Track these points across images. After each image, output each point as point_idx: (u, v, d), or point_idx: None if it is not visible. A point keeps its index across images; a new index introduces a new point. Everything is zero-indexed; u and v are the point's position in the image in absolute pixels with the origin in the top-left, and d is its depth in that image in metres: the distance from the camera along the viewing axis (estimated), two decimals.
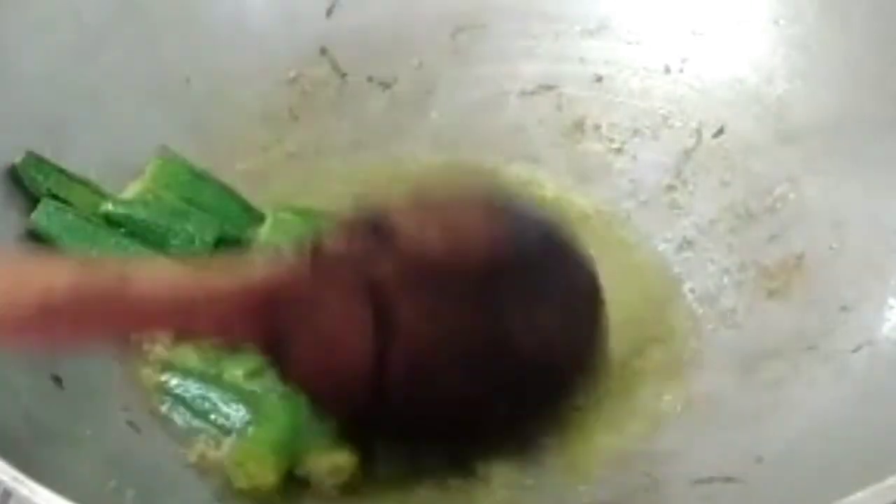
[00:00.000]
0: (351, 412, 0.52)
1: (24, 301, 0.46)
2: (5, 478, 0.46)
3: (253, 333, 0.50)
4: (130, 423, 0.55)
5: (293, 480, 0.53)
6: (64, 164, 0.60)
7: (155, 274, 0.50)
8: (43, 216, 0.58)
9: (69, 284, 0.47)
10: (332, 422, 0.53)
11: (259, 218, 0.61)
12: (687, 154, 0.65)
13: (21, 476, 0.46)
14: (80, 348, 0.52)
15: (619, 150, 0.65)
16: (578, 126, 0.66)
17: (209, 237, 0.59)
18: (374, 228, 0.51)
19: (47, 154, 0.59)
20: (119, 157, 0.62)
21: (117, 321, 0.48)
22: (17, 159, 0.59)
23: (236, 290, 0.50)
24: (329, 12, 0.68)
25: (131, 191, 0.60)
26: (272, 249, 0.57)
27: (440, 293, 0.50)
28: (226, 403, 0.55)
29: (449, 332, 0.50)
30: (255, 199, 0.62)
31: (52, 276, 0.47)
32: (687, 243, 0.62)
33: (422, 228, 0.51)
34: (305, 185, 0.64)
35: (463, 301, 0.51)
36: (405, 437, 0.53)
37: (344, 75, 0.67)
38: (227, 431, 0.55)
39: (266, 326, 0.50)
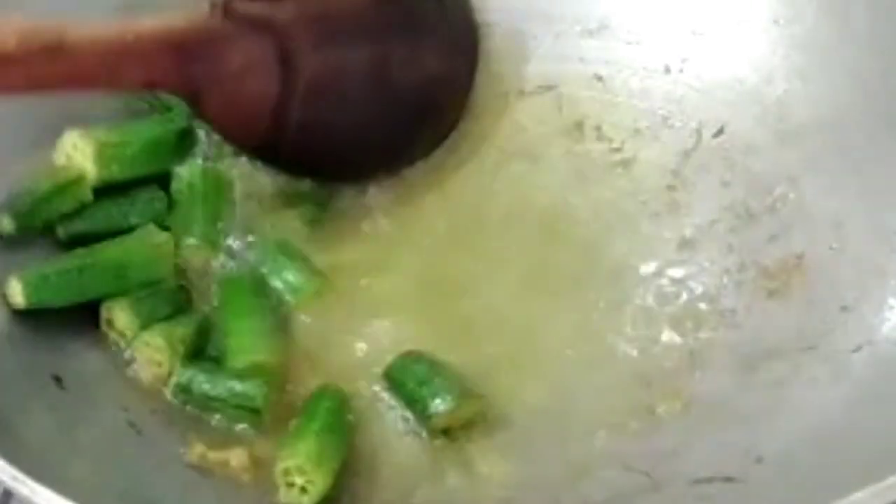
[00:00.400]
0: (258, 145, 0.60)
1: None
2: (5, 477, 0.46)
3: (173, 76, 0.56)
4: (130, 423, 0.55)
5: None
6: None
7: (90, 27, 0.55)
8: None
9: (18, 35, 0.53)
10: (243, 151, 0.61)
11: None
12: (687, 154, 0.65)
13: (21, 476, 0.46)
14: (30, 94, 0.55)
15: (619, 150, 0.65)
16: (578, 126, 0.66)
17: None
18: None
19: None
20: None
21: (60, 69, 0.54)
22: None
23: (159, 36, 0.56)
24: None
25: None
26: (153, 236, 0.59)
27: (334, 34, 0.59)
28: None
29: (344, 68, 0.59)
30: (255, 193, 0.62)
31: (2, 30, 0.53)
32: (687, 243, 0.62)
33: None
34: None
35: (355, 39, 0.59)
36: (305, 167, 0.61)
37: None
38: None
39: (184, 69, 0.56)
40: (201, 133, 0.62)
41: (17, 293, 0.55)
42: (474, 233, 0.63)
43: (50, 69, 0.53)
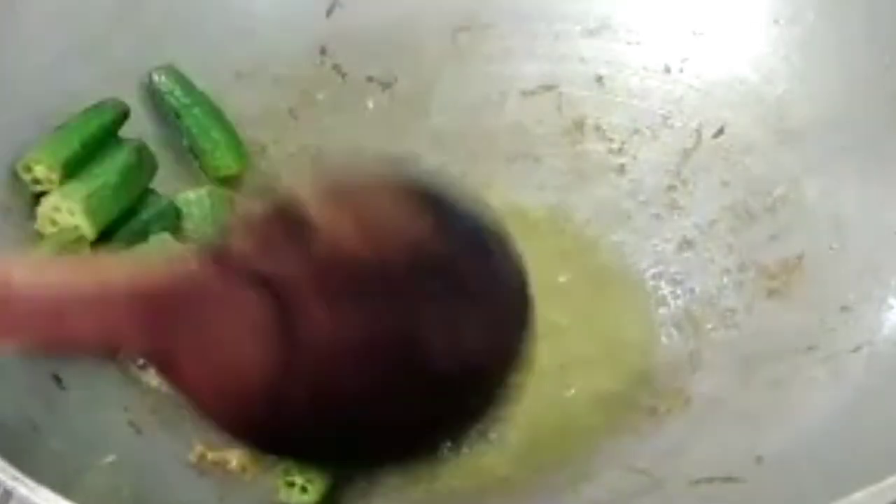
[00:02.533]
0: (248, 430, 0.47)
1: None
2: (5, 477, 0.46)
3: (141, 339, 0.45)
4: (130, 423, 0.55)
5: None
6: None
7: (36, 271, 0.45)
8: None
9: None
10: (230, 439, 0.48)
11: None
12: (687, 154, 0.65)
13: (21, 475, 0.46)
14: None
15: (619, 150, 0.65)
16: (578, 126, 0.66)
17: None
18: (282, 222, 0.46)
19: None
20: None
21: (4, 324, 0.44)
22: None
23: (124, 289, 0.44)
24: (329, 12, 0.68)
25: None
26: (167, 245, 0.56)
27: (354, 297, 0.45)
28: None
29: (362, 343, 0.45)
30: None
31: None
32: (687, 243, 0.62)
33: (336, 222, 0.45)
34: None
35: (378, 308, 0.45)
36: (308, 457, 0.49)
37: (344, 75, 0.67)
38: None
39: (156, 332, 0.44)
40: None
41: None
42: None
43: None
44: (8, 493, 0.55)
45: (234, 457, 0.54)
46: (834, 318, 0.58)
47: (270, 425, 0.46)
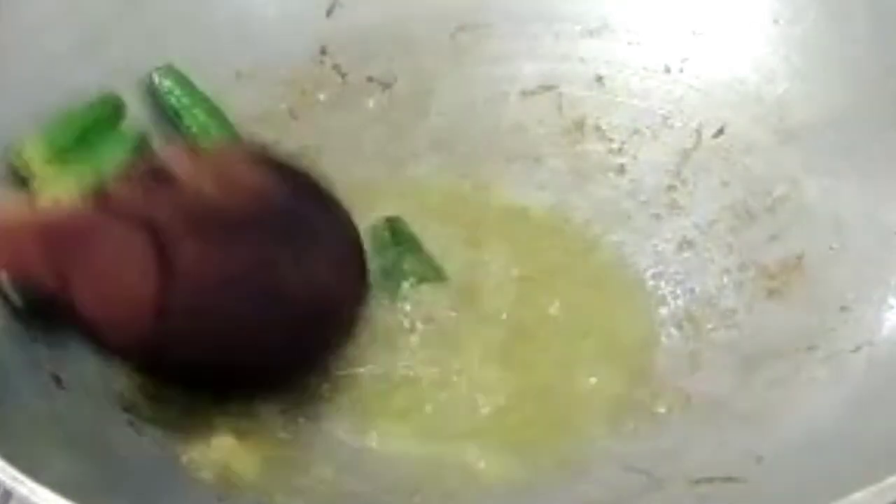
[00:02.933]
0: (132, 352, 0.53)
1: None
2: (5, 477, 0.46)
3: (45, 268, 0.52)
4: (130, 423, 0.55)
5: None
6: None
7: None
8: None
9: None
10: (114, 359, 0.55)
11: None
12: (687, 154, 0.65)
13: (21, 476, 0.46)
14: None
15: (619, 150, 0.65)
16: (578, 126, 0.66)
17: None
18: (154, 176, 0.54)
19: None
20: None
21: None
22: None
23: (31, 224, 0.52)
24: (329, 12, 0.68)
25: None
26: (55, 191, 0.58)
27: (218, 236, 0.53)
28: None
29: (226, 272, 0.53)
30: None
31: None
32: (687, 243, 0.62)
33: (198, 177, 0.54)
34: None
35: (237, 242, 0.53)
36: (183, 377, 0.54)
37: (344, 75, 0.67)
38: None
39: (56, 261, 0.51)
40: None
41: None
42: (474, 232, 0.63)
43: None
44: (8, 493, 0.55)
45: (234, 457, 0.54)
46: (834, 318, 0.58)
47: (155, 350, 0.52)
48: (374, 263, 0.59)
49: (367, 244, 0.58)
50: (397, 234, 0.61)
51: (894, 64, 0.61)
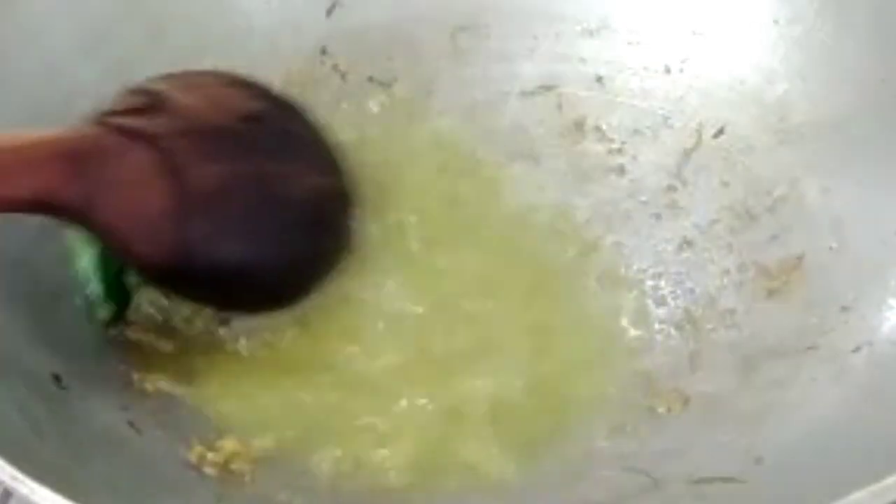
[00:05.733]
0: (163, 264, 0.56)
1: None
2: (5, 477, 0.46)
3: (67, 185, 0.54)
4: (130, 423, 0.55)
5: None
6: None
7: None
8: None
9: None
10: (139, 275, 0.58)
11: None
12: (687, 154, 0.65)
13: (20, 475, 0.46)
14: None
15: (619, 150, 0.65)
16: (578, 126, 0.66)
17: None
18: (151, 100, 0.57)
19: None
20: None
21: None
22: None
23: (47, 149, 0.54)
24: (329, 12, 0.68)
25: None
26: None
27: (216, 151, 0.57)
28: None
29: (232, 183, 0.57)
30: None
31: None
32: (687, 243, 0.62)
33: (190, 99, 0.58)
34: None
35: (237, 157, 0.57)
36: (214, 290, 0.58)
37: (344, 75, 0.67)
38: None
39: (78, 178, 0.54)
40: None
41: None
42: (474, 232, 0.63)
43: None
44: (8, 493, 0.55)
45: (234, 457, 0.54)
46: (834, 318, 0.58)
47: (181, 258, 0.56)
48: None
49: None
50: None
51: (894, 64, 0.61)
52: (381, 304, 0.60)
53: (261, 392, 0.57)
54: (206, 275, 0.56)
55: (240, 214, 0.57)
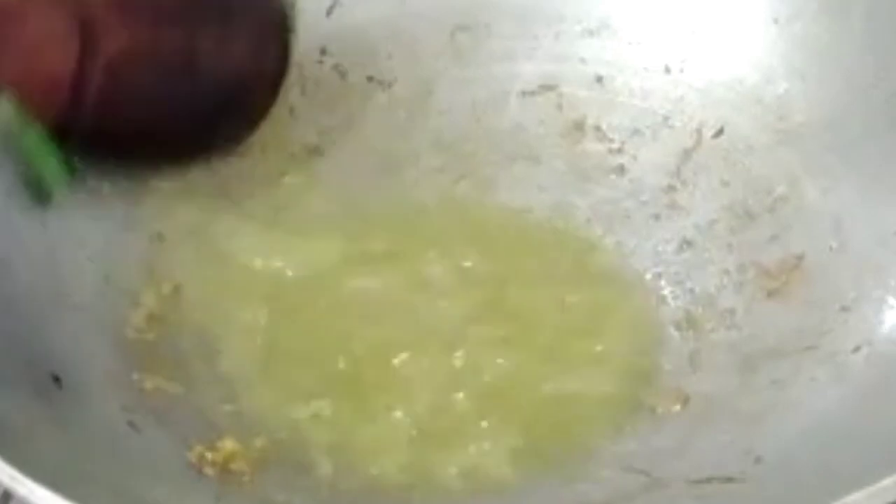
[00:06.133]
0: (56, 120, 0.57)
1: None
2: (4, 478, 0.46)
3: None
4: (130, 423, 0.55)
5: None
6: None
7: None
8: None
9: None
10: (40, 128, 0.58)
11: None
12: (687, 154, 0.65)
13: (19, 475, 0.46)
14: None
15: (619, 150, 0.65)
16: (578, 126, 0.66)
17: None
18: None
19: None
20: None
21: None
22: None
23: None
24: (329, 12, 0.68)
25: None
26: None
27: (143, 19, 0.58)
28: None
29: (148, 50, 0.58)
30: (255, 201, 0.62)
31: None
32: (687, 243, 0.62)
33: None
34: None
35: (161, 21, 0.59)
36: (103, 146, 0.60)
37: (344, 75, 0.67)
38: None
39: None
40: None
41: None
42: (474, 233, 0.63)
43: None
44: (8, 494, 0.55)
45: (234, 457, 0.54)
46: (834, 318, 0.58)
47: (73, 117, 0.57)
48: None
49: None
50: None
51: (893, 64, 0.61)
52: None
53: (261, 392, 0.57)
54: (97, 137, 0.58)
55: (147, 83, 0.58)
